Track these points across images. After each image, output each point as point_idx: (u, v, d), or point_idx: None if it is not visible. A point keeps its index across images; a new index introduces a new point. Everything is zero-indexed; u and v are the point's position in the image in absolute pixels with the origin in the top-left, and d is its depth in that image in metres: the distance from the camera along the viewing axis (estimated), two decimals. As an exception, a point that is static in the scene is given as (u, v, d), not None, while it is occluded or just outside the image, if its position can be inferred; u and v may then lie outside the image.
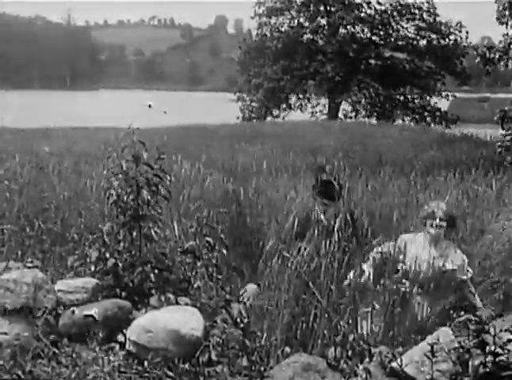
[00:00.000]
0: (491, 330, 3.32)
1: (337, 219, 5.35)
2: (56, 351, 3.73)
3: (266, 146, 15.14)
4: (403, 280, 4.85)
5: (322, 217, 5.57)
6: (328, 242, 5.02)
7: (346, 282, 4.73)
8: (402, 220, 6.78)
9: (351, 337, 3.79)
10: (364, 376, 3.43)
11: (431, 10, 30.03)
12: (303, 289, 4.81)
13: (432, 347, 3.33)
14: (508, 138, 13.49)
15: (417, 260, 4.99)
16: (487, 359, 3.28)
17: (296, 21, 30.59)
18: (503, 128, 14.11)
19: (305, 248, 4.97)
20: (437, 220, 5.09)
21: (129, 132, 4.42)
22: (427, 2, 30.08)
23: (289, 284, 4.53)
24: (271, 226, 6.38)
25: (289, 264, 4.64)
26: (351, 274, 4.73)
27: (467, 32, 30.38)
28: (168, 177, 4.57)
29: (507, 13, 13.78)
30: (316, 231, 5.19)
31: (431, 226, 5.12)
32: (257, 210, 7.09)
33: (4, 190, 7.20)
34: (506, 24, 14.03)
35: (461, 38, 30.27)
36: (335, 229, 5.08)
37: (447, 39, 30.23)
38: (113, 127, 17.78)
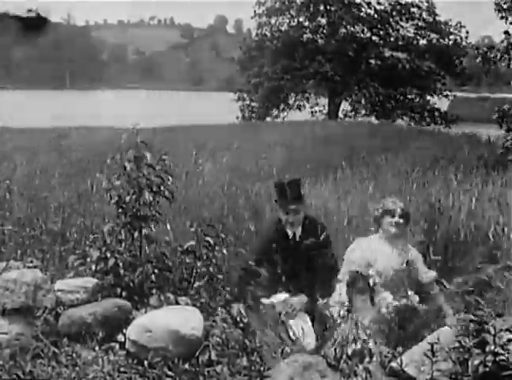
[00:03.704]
0: (491, 330, 3.32)
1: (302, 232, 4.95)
2: (56, 350, 3.73)
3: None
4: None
5: (289, 231, 4.99)
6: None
7: (322, 302, 4.51)
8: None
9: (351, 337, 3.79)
10: (364, 376, 3.43)
11: (430, 10, 30.01)
12: None
13: (432, 347, 3.33)
14: (509, 137, 13.46)
15: (384, 266, 4.66)
16: (487, 359, 3.27)
17: (295, 21, 30.56)
18: (501, 127, 14.09)
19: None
20: (397, 217, 4.75)
21: (132, 132, 4.43)
22: (426, 1, 30.06)
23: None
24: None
25: None
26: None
27: (467, 32, 30.39)
28: (170, 178, 4.57)
29: (508, 5, 13.77)
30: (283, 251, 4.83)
31: (390, 224, 4.76)
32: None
33: (4, 190, 7.20)
34: (506, 18, 14.02)
35: (461, 38, 30.25)
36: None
37: (447, 39, 30.21)
38: (113, 127, 17.79)
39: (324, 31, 30.37)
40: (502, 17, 14.10)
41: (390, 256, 4.70)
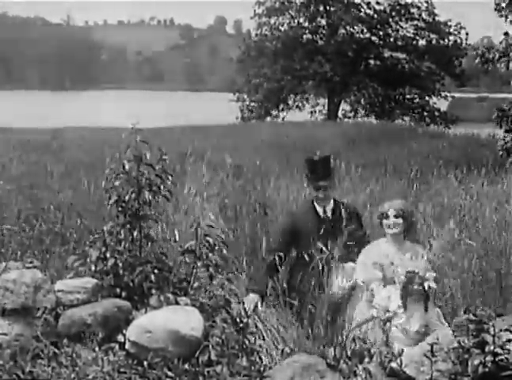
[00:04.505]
0: (491, 330, 3.32)
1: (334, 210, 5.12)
2: (56, 351, 3.73)
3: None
4: None
5: (319, 209, 5.18)
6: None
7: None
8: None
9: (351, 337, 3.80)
10: (363, 376, 3.43)
11: (430, 10, 30.03)
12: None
13: (431, 347, 3.33)
14: (508, 138, 13.48)
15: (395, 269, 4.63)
16: (487, 359, 3.28)
17: (295, 21, 30.58)
18: (501, 127, 14.12)
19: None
20: (391, 218, 4.75)
21: (132, 132, 4.43)
22: (426, 2, 30.09)
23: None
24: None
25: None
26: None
27: (466, 33, 30.43)
28: (170, 178, 4.57)
29: (506, 3, 13.81)
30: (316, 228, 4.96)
31: (388, 226, 4.76)
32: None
33: (4, 190, 7.20)
34: (506, 17, 14.04)
35: (461, 39, 30.28)
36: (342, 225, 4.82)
37: (446, 40, 30.24)
38: (113, 127, 17.80)
39: (324, 31, 30.41)
40: (501, 16, 14.13)
41: (403, 259, 4.70)
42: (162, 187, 4.52)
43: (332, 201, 5.24)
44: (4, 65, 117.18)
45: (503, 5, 13.87)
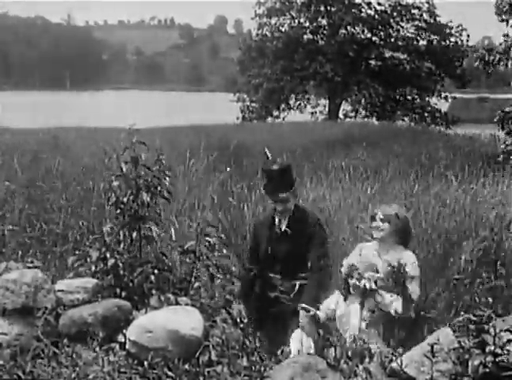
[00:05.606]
0: (491, 330, 3.32)
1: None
2: (56, 351, 3.73)
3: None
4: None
5: (277, 220, 4.66)
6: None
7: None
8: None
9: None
10: (364, 376, 3.43)
11: (431, 10, 30.03)
12: None
13: (432, 348, 3.33)
14: (509, 141, 13.51)
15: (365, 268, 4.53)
16: (487, 359, 3.28)
17: (296, 22, 30.58)
18: (503, 129, 14.14)
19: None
20: (377, 221, 4.65)
21: (129, 133, 4.43)
22: (427, 2, 30.10)
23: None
24: None
25: None
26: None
27: (468, 35, 30.44)
28: (168, 178, 4.56)
29: (506, 8, 13.84)
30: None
31: (374, 229, 4.67)
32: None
33: (5, 190, 7.21)
34: (507, 21, 14.08)
35: (462, 40, 30.29)
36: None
37: (447, 41, 30.25)
38: (113, 127, 17.78)
39: (324, 31, 30.40)
40: (502, 20, 14.16)
41: (375, 259, 4.69)
42: (159, 188, 4.51)
43: (292, 212, 4.66)
44: (4, 65, 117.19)
45: (504, 9, 13.90)
